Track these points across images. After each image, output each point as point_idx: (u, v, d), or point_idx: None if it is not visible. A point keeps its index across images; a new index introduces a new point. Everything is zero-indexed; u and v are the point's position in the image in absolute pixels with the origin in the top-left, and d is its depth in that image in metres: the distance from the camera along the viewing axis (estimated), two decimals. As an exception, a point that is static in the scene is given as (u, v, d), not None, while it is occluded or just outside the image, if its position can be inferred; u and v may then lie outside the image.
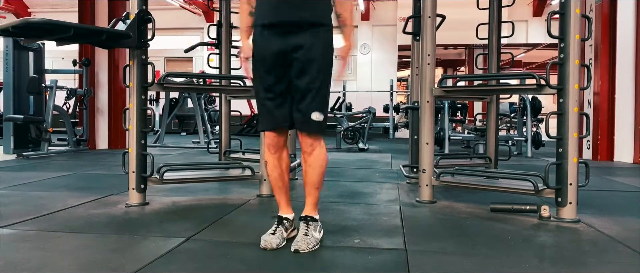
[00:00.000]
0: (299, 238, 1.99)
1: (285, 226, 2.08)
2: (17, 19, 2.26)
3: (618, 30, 5.83)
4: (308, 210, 2.10)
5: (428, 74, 3.01)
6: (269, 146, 2.11)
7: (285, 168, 2.14)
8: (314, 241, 2.00)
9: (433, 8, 3.03)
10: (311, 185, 2.10)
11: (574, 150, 2.50)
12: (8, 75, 5.93)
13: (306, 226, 2.04)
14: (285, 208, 2.14)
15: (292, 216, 2.13)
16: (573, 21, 2.49)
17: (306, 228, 2.03)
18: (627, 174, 4.66)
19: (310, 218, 2.07)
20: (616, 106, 5.86)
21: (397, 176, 4.19)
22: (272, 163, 2.12)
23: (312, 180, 2.09)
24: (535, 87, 2.61)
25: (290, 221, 2.12)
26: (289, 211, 2.14)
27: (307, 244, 1.96)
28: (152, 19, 2.78)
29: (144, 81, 2.80)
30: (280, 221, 2.10)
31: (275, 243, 1.99)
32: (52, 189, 3.43)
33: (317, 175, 2.08)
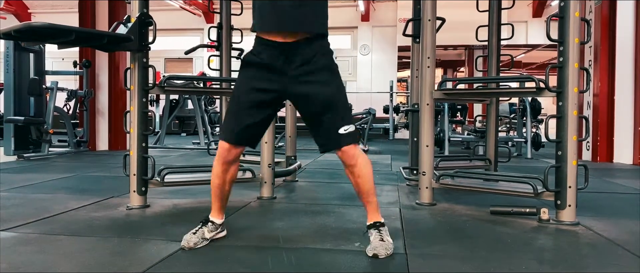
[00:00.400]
0: (377, 244, 1.96)
1: (209, 228, 2.11)
2: (20, 23, 2.27)
3: (617, 32, 5.84)
4: (374, 217, 2.08)
5: (428, 76, 3.02)
6: (219, 156, 2.05)
7: (228, 180, 2.11)
8: (391, 245, 1.99)
9: (433, 11, 3.04)
10: (367, 193, 2.07)
11: (573, 153, 2.51)
12: (9, 76, 5.95)
13: (378, 232, 2.02)
14: (216, 213, 2.15)
15: (220, 221, 2.15)
16: (572, 24, 2.50)
17: (379, 233, 2.01)
18: (626, 176, 4.67)
19: (379, 224, 2.06)
20: (616, 108, 5.87)
21: (397, 178, 4.20)
22: (216, 173, 2.08)
23: (367, 189, 2.06)
24: (535, 90, 2.62)
25: (216, 224, 2.13)
26: (219, 217, 2.15)
27: (385, 250, 1.94)
28: (153, 22, 2.79)
29: (145, 84, 2.82)
30: (205, 222, 2.12)
31: (193, 242, 2.03)
32: (53, 191, 3.44)
33: (369, 181, 2.05)
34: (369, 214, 2.09)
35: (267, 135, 3.06)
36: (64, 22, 8.31)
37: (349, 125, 1.98)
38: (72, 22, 8.53)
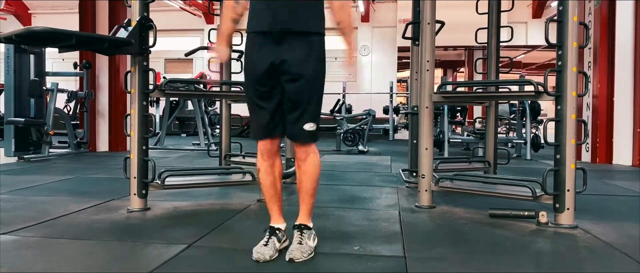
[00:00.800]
0: (294, 247, 1.99)
1: (278, 237, 2.07)
2: (21, 28, 2.28)
3: (617, 33, 5.85)
4: (302, 218, 2.10)
5: (427, 80, 3.04)
6: (262, 153, 2.11)
7: (277, 175, 2.13)
8: (309, 250, 2.01)
9: (432, 14, 3.05)
10: (305, 192, 2.10)
11: (572, 157, 2.53)
12: (9, 78, 5.95)
13: (300, 234, 2.04)
14: (277, 218, 2.14)
15: (284, 226, 2.13)
16: (571, 29, 2.51)
17: (300, 236, 2.03)
18: (625, 177, 4.68)
19: (304, 227, 2.07)
20: (615, 109, 5.88)
21: (397, 180, 4.21)
22: (264, 169, 2.12)
23: (306, 187, 2.09)
24: (534, 94, 2.63)
25: (283, 231, 2.11)
26: (281, 221, 2.14)
27: (301, 253, 1.96)
28: (154, 26, 2.80)
29: (146, 87, 2.83)
30: (272, 232, 2.08)
31: (268, 254, 1.97)
32: (54, 193, 3.45)
33: (311, 181, 2.08)
34: (300, 214, 2.12)
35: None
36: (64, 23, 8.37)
37: (314, 123, 2.04)
38: (72, 23, 8.62)
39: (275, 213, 2.14)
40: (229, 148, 4.42)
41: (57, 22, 12.99)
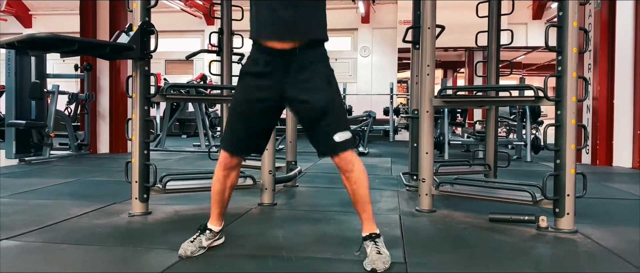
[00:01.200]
0: (374, 257, 1.94)
1: (206, 236, 2.12)
2: (23, 34, 2.29)
3: (617, 35, 5.86)
4: (369, 227, 2.06)
5: (428, 84, 3.04)
6: (221, 163, 2.09)
7: (229, 185, 2.14)
8: (388, 257, 1.97)
9: (433, 19, 3.06)
10: (364, 201, 2.06)
11: (572, 161, 2.53)
12: (10, 80, 5.97)
13: (375, 244, 2.01)
14: (215, 220, 2.17)
15: (218, 228, 2.17)
16: (571, 34, 2.52)
17: (376, 246, 2.00)
18: (625, 180, 4.69)
19: (375, 235, 2.04)
20: (615, 111, 5.89)
21: (397, 182, 4.22)
22: (217, 178, 2.12)
23: (363, 196, 2.05)
24: (534, 99, 2.64)
25: (214, 232, 2.15)
26: (218, 224, 2.17)
27: (383, 263, 1.92)
28: (155, 31, 2.81)
29: (147, 92, 2.84)
30: (203, 230, 2.13)
31: (191, 250, 2.04)
32: (55, 197, 3.46)
33: (365, 189, 2.05)
34: (365, 224, 2.08)
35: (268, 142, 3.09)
36: (65, 24, 8.49)
37: (345, 131, 1.98)
38: (73, 24, 8.63)
39: (215, 216, 2.18)
40: (229, 151, 4.43)
41: (57, 23, 13.07)
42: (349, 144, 2.00)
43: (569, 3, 2.51)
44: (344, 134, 1.97)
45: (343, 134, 1.97)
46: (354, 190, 2.04)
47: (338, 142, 1.96)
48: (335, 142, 1.96)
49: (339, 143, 1.96)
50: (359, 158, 2.06)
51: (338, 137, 1.96)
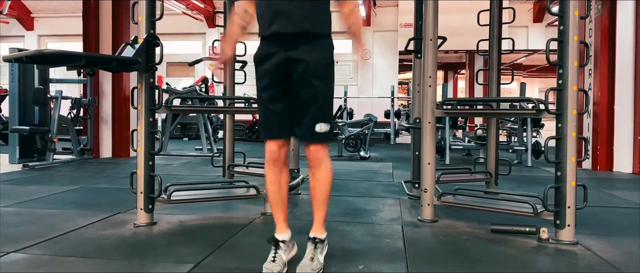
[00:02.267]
0: (305, 263, 2.02)
1: (283, 250, 2.10)
2: (32, 50, 2.32)
3: (617, 40, 5.89)
4: (317, 230, 2.13)
5: (429, 95, 3.07)
6: (269, 161, 2.15)
7: (284, 183, 2.18)
8: (319, 266, 2.04)
9: (434, 31, 3.09)
10: (320, 200, 2.14)
11: (573, 174, 2.56)
12: (14, 85, 6.01)
13: (314, 248, 2.07)
14: (282, 228, 2.17)
15: (288, 236, 2.17)
16: (571, 48, 2.55)
17: (313, 251, 2.07)
18: (626, 187, 4.72)
19: (318, 240, 2.11)
20: (615, 116, 5.92)
21: (399, 190, 4.24)
22: (270, 177, 2.17)
23: (321, 195, 2.13)
24: (534, 112, 2.67)
25: (287, 242, 2.14)
26: (286, 231, 2.18)
27: (312, 269, 1.99)
28: (160, 44, 2.85)
29: (152, 104, 2.87)
30: (277, 245, 2.11)
31: (277, 270, 2.01)
32: (61, 206, 3.49)
33: (326, 189, 2.13)
34: (314, 224, 2.16)
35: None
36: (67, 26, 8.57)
37: (326, 123, 2.07)
38: (75, 26, 8.64)
39: (280, 223, 2.18)
40: (232, 158, 4.46)
41: (59, 25, 13.12)
42: (326, 138, 2.09)
43: (569, 17, 2.54)
44: (324, 126, 2.07)
45: (324, 125, 2.07)
46: (315, 186, 2.15)
47: (317, 132, 2.06)
48: (315, 131, 2.06)
49: (317, 133, 2.06)
50: (329, 157, 2.14)
51: (319, 127, 2.06)
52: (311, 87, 2.04)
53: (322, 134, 2.06)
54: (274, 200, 2.18)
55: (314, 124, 2.05)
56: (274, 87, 2.09)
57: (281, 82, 2.09)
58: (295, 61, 2.05)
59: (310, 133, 2.06)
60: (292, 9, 2.04)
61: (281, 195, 2.18)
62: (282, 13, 2.04)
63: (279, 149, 2.14)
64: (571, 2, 2.54)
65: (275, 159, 2.15)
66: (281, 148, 2.15)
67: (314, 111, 2.05)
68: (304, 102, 2.06)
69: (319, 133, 2.05)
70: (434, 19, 3.08)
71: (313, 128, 2.05)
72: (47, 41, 13.97)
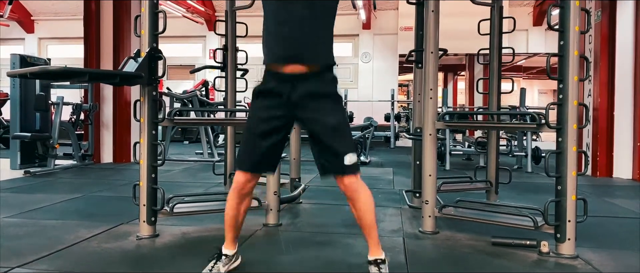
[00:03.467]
0: None
1: (223, 262, 2.19)
2: (36, 68, 2.35)
3: (617, 47, 5.92)
4: (375, 252, 2.14)
5: (430, 107, 3.09)
6: (235, 189, 2.14)
7: (243, 210, 2.21)
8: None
9: (435, 43, 3.10)
10: (370, 226, 2.13)
11: (573, 188, 2.58)
12: (15, 91, 6.03)
13: (378, 270, 2.09)
14: (229, 244, 2.23)
15: (233, 252, 2.24)
16: (572, 63, 2.56)
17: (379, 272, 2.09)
18: (626, 194, 4.73)
19: (380, 261, 2.12)
20: (615, 122, 5.95)
21: (399, 198, 4.26)
22: (231, 205, 2.17)
23: (369, 222, 2.12)
24: (535, 126, 2.69)
25: (229, 256, 2.22)
26: (232, 247, 2.24)
27: None
28: (163, 57, 2.86)
29: (155, 117, 2.88)
30: (219, 257, 2.19)
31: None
32: (63, 216, 3.51)
33: (371, 214, 2.12)
34: (371, 248, 2.16)
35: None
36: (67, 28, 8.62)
37: (354, 154, 2.06)
38: (75, 28, 8.66)
39: (229, 240, 2.24)
40: (233, 167, 4.47)
41: (60, 28, 13.13)
42: (357, 169, 2.07)
43: (570, 33, 2.56)
44: (353, 157, 2.05)
45: (352, 156, 2.04)
46: (360, 216, 2.12)
47: (347, 165, 2.03)
48: (345, 165, 2.03)
49: (348, 166, 2.03)
50: (364, 184, 2.12)
51: (348, 159, 2.03)
52: (329, 123, 2.02)
53: (353, 165, 2.04)
54: (229, 224, 2.20)
55: (342, 158, 2.01)
56: (271, 125, 2.07)
57: (279, 122, 2.07)
58: (305, 95, 2.03)
59: (341, 167, 2.03)
60: (298, 38, 2.03)
61: (237, 221, 2.21)
62: (287, 41, 2.03)
63: (247, 182, 2.13)
64: (571, 17, 2.56)
65: (240, 190, 2.14)
66: (249, 182, 2.14)
67: (339, 144, 2.03)
68: (326, 138, 2.03)
69: (349, 166, 2.02)
70: (435, 31, 3.10)
71: (342, 161, 2.01)
72: (47, 43, 13.99)
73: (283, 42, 2.06)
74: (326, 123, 2.03)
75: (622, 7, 5.90)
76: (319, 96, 2.05)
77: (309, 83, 2.04)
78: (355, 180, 2.06)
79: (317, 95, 2.05)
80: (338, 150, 2.02)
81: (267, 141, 2.09)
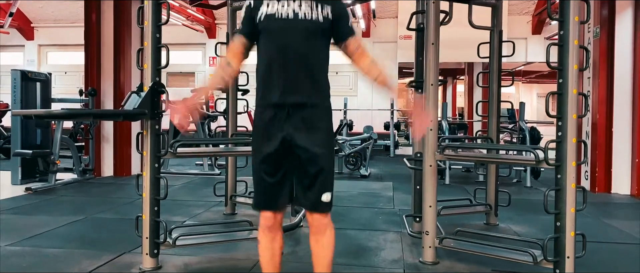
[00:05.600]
0: None
1: None
2: (42, 110, 2.37)
3: (615, 63, 5.95)
4: None
5: (431, 139, 3.12)
6: (263, 228, 2.12)
7: (277, 250, 2.16)
8: None
9: (435, 76, 3.14)
10: (325, 266, 2.13)
11: (572, 224, 2.60)
12: (16, 107, 6.03)
13: None
14: None
15: None
16: (571, 100, 2.59)
17: None
18: (625, 215, 4.76)
19: None
20: (614, 139, 5.98)
21: (400, 220, 4.27)
22: (264, 245, 2.14)
23: (325, 262, 2.12)
24: (535, 162, 2.72)
25: None
26: None
27: None
28: (166, 91, 2.88)
29: (158, 151, 2.91)
30: None
31: None
32: (66, 243, 3.52)
33: (330, 254, 2.13)
34: None
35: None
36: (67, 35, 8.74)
37: (330, 193, 2.08)
38: (74, 36, 8.69)
39: None
40: (234, 188, 4.51)
41: (59, 35, 13.13)
42: (329, 207, 2.10)
43: (570, 23, 2.56)
44: (329, 196, 2.07)
45: (329, 195, 2.07)
46: (320, 254, 2.13)
47: (324, 202, 2.06)
48: (322, 201, 2.06)
49: (324, 203, 2.06)
50: (331, 223, 2.14)
51: (325, 197, 2.06)
52: (317, 159, 2.03)
53: (328, 204, 2.07)
54: (265, 266, 2.16)
55: (320, 195, 2.04)
56: (273, 161, 2.07)
57: (280, 156, 2.06)
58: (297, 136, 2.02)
59: (317, 203, 2.06)
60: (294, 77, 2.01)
61: (274, 262, 2.16)
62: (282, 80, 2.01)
63: (274, 216, 2.12)
64: (572, 4, 2.55)
65: (270, 226, 2.12)
66: (277, 215, 2.13)
67: (320, 182, 2.04)
68: (311, 174, 2.04)
69: (326, 203, 2.06)
70: (435, 64, 3.14)
71: (319, 198, 2.04)
72: (47, 50, 14.00)
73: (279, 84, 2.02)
74: (315, 158, 2.02)
75: (621, 23, 5.93)
76: (313, 128, 2.04)
77: (304, 112, 2.04)
78: (325, 218, 2.09)
79: (311, 126, 2.04)
80: (319, 188, 2.04)
81: (275, 177, 2.08)
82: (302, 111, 2.04)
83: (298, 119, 2.04)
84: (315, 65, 2.07)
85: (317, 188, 2.05)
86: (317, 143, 2.04)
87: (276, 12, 2.05)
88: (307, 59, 2.05)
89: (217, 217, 4.43)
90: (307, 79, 2.04)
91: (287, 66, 2.02)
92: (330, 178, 2.09)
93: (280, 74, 2.02)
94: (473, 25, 3.92)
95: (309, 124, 2.05)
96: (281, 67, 2.02)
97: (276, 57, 2.04)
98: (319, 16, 2.06)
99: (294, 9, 2.04)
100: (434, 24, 3.13)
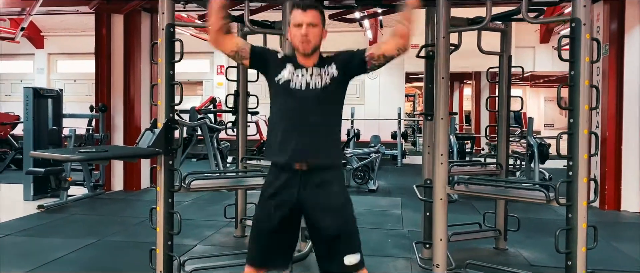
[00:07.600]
0: None
1: None
2: (60, 156, 2.41)
3: (625, 79, 5.94)
4: None
5: (441, 172, 3.14)
6: None
7: None
8: None
9: (446, 109, 3.15)
10: None
11: (583, 263, 2.63)
12: (28, 124, 6.12)
13: None
14: None
15: None
16: (581, 141, 2.61)
17: None
18: (634, 236, 4.74)
19: None
20: (623, 155, 5.96)
21: (409, 244, 4.26)
22: None
23: None
24: (545, 201, 2.74)
25: None
26: None
27: None
28: (179, 127, 2.93)
29: (171, 186, 2.95)
30: None
31: None
32: (80, 270, 3.56)
33: None
34: None
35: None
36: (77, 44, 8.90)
37: (356, 254, 2.03)
38: (85, 44, 8.82)
39: None
40: (244, 211, 4.56)
41: (69, 44, 13.26)
42: (359, 267, 2.05)
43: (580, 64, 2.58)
44: (354, 258, 2.02)
45: (353, 257, 2.02)
46: None
47: (347, 265, 2.01)
48: (345, 265, 2.01)
49: (348, 266, 2.01)
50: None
51: (348, 260, 2.01)
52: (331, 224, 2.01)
53: (354, 265, 2.02)
54: None
55: (342, 258, 2.00)
56: (279, 223, 2.06)
57: (287, 219, 2.06)
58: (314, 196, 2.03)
59: (341, 267, 2.01)
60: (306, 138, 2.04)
61: None
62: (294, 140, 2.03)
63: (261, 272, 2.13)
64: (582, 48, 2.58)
65: None
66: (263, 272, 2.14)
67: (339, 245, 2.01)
68: (327, 240, 2.03)
69: (349, 266, 2.00)
70: (445, 98, 3.15)
71: (342, 261, 2.00)
72: (56, 58, 14.13)
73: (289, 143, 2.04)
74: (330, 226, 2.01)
75: (630, 40, 5.91)
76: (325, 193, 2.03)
77: (316, 179, 2.04)
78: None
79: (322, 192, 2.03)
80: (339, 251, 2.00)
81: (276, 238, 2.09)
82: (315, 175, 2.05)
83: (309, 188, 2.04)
84: (325, 130, 2.11)
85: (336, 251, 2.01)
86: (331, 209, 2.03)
87: (292, 80, 2.10)
88: (318, 126, 2.08)
89: (228, 240, 4.47)
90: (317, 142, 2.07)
91: (299, 131, 2.06)
92: (350, 240, 2.03)
93: (292, 137, 2.05)
94: (482, 50, 3.93)
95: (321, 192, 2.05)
96: (293, 132, 2.06)
97: (288, 122, 2.08)
98: (327, 80, 2.10)
99: (306, 80, 2.09)
100: (443, 59, 3.15)
